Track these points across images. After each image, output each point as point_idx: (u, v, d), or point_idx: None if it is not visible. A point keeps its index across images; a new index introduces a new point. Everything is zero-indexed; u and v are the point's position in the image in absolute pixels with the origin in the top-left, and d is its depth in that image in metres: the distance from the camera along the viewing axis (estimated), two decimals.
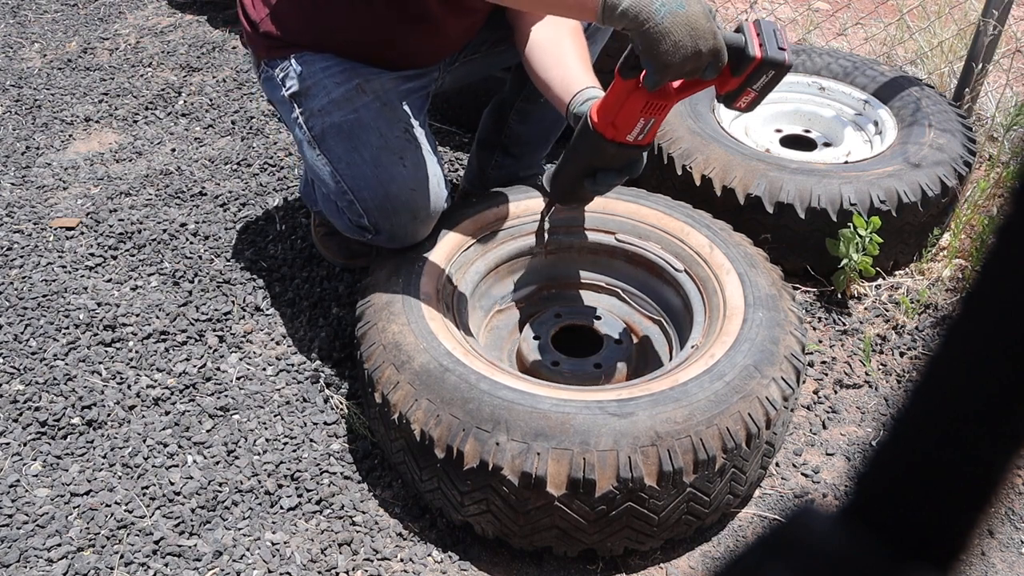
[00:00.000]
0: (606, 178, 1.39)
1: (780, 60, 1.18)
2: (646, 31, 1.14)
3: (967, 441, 0.26)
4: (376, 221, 1.46)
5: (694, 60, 1.15)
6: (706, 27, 1.14)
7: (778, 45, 1.18)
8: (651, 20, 1.14)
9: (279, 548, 1.32)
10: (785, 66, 1.18)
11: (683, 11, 1.13)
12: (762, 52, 1.17)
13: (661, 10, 1.13)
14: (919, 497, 0.27)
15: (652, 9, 1.13)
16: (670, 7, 1.13)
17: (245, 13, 1.58)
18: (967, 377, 0.26)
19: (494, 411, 1.19)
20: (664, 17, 1.13)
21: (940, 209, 1.83)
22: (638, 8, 1.14)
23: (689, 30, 1.13)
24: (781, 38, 1.19)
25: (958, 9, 2.64)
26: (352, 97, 1.48)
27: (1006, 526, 1.40)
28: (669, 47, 1.14)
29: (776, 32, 1.19)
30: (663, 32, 1.13)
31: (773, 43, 1.18)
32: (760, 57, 1.17)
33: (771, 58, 1.17)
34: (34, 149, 2.33)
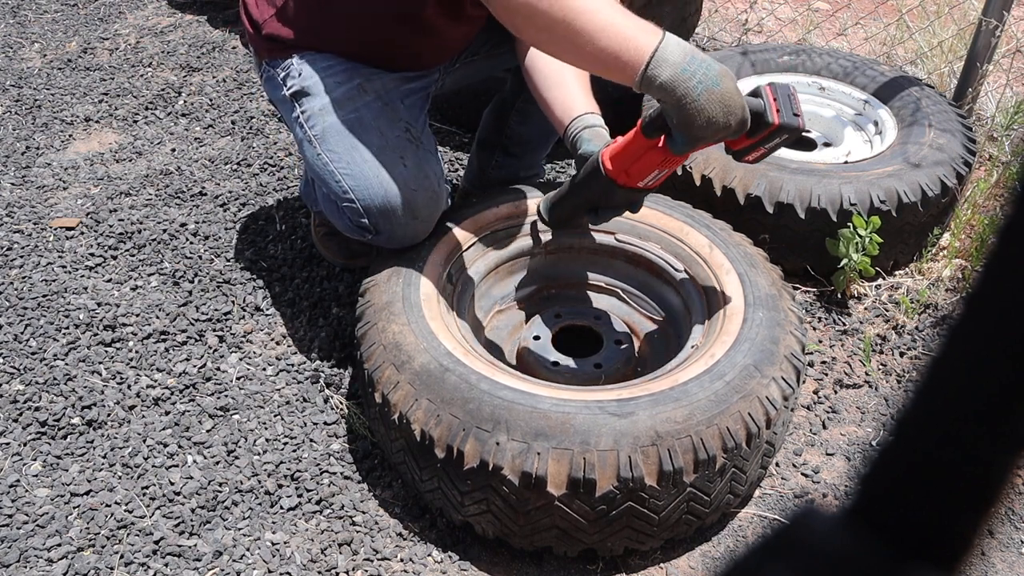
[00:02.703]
0: (607, 213, 1.45)
1: (795, 126, 1.24)
2: (683, 106, 1.18)
3: (968, 441, 0.26)
4: (376, 221, 1.46)
5: (723, 132, 1.20)
6: (738, 103, 1.18)
7: (793, 111, 1.24)
8: (688, 96, 1.17)
9: (279, 548, 1.32)
10: (799, 130, 1.24)
11: (718, 88, 1.17)
12: (779, 118, 1.23)
13: (698, 87, 1.16)
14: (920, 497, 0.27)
15: (690, 86, 1.16)
16: (706, 84, 1.16)
17: (248, 14, 1.59)
18: (968, 377, 0.26)
19: (494, 411, 1.19)
20: (700, 94, 1.16)
21: (940, 209, 1.83)
22: (676, 83, 1.16)
23: (723, 107, 1.17)
24: (795, 103, 1.25)
25: (958, 9, 2.64)
26: (353, 97, 1.48)
27: (1006, 526, 1.40)
28: (703, 122, 1.18)
29: (791, 97, 1.25)
30: (699, 109, 1.17)
31: (789, 109, 1.24)
32: (778, 123, 1.23)
33: (787, 124, 1.23)
34: (34, 149, 2.33)
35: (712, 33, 2.91)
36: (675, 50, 1.17)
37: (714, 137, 1.21)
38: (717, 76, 1.16)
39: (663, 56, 1.17)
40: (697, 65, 1.16)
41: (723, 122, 1.18)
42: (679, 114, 1.19)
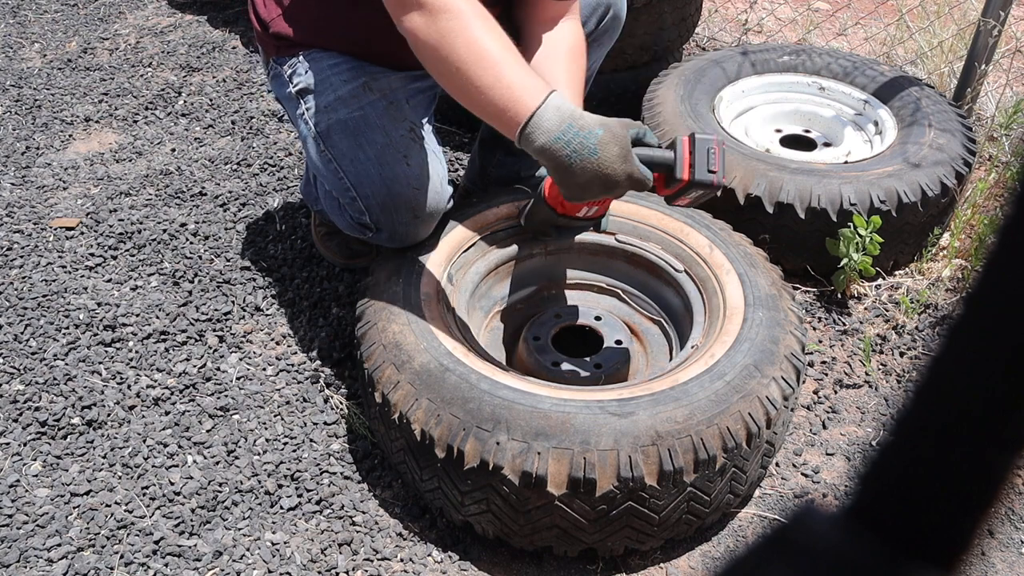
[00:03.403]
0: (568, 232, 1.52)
1: (708, 182, 1.20)
2: (557, 171, 1.21)
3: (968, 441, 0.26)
4: (378, 219, 1.46)
5: (608, 194, 1.23)
6: (618, 171, 1.19)
7: (708, 167, 1.20)
8: (561, 164, 1.19)
9: (279, 548, 1.32)
10: (715, 187, 1.21)
11: (595, 158, 1.18)
12: (689, 174, 1.21)
13: (572, 156, 1.18)
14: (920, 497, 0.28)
15: (563, 155, 1.18)
16: (582, 154, 1.17)
17: (256, 12, 1.59)
18: (967, 377, 0.26)
19: (494, 410, 1.19)
20: (574, 163, 1.18)
21: (940, 209, 1.83)
22: (549, 151, 1.19)
23: (599, 176, 1.19)
24: (714, 159, 1.20)
25: (958, 9, 2.64)
26: (359, 95, 1.48)
27: (1006, 526, 1.40)
28: (579, 186, 1.21)
29: (711, 151, 1.21)
30: (572, 176, 1.19)
31: (704, 164, 1.20)
32: (686, 180, 1.21)
33: (698, 180, 1.20)
34: (34, 149, 2.33)
35: (712, 33, 2.91)
36: (552, 117, 1.18)
37: (600, 197, 1.24)
38: (596, 145, 1.18)
39: (538, 124, 1.18)
40: (573, 135, 1.18)
41: (599, 188, 1.20)
42: (556, 176, 1.22)
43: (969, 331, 0.26)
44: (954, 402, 0.27)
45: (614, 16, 1.72)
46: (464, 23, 1.21)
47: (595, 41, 1.74)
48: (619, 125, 1.21)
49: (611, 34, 1.76)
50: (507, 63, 1.20)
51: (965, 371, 0.26)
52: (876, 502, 0.29)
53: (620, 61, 2.25)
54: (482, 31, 1.21)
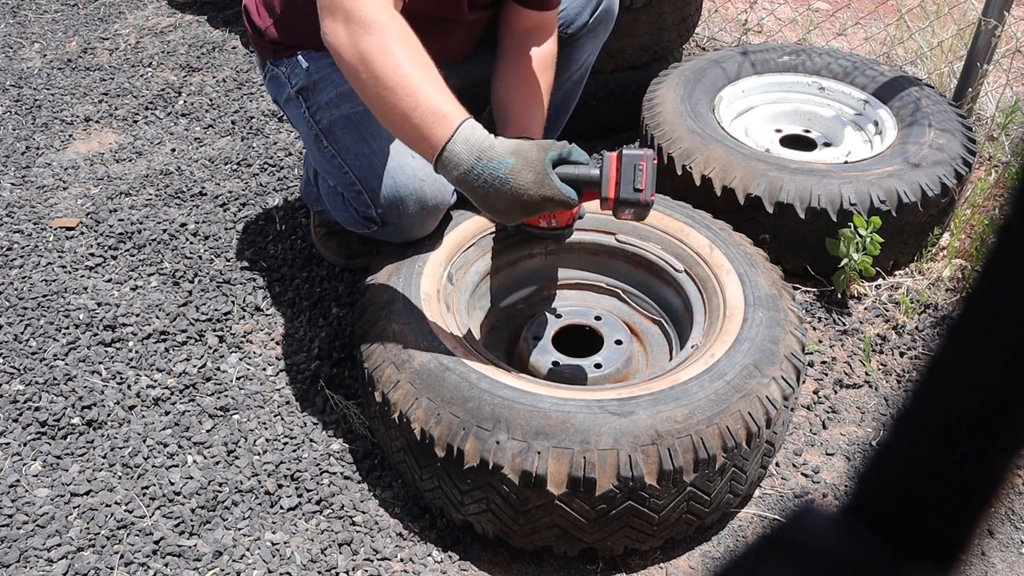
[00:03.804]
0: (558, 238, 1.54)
1: (634, 200, 1.21)
2: (473, 199, 1.23)
3: (967, 441, 0.26)
4: (384, 212, 1.46)
5: (529, 216, 1.24)
6: (535, 195, 1.20)
7: (634, 186, 1.20)
8: (475, 194, 1.22)
9: (279, 548, 1.32)
10: (641, 204, 1.22)
11: (507, 186, 1.20)
12: (615, 192, 1.22)
13: (484, 187, 1.20)
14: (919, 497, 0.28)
15: (476, 185, 1.21)
16: (493, 184, 1.19)
17: (249, 19, 1.60)
18: (967, 377, 0.26)
19: (494, 410, 1.19)
20: (489, 192, 1.20)
21: (940, 209, 1.83)
22: (462, 183, 1.21)
23: (515, 201, 1.21)
24: (640, 176, 1.20)
25: (958, 9, 2.64)
26: None
27: (1006, 526, 1.40)
28: (498, 215, 1.24)
29: (638, 168, 1.21)
30: (490, 203, 1.22)
31: (630, 182, 1.20)
32: (612, 198, 1.22)
33: (623, 199, 1.21)
34: (34, 149, 2.33)
35: (712, 33, 2.91)
36: (461, 149, 1.20)
37: (527, 217, 1.26)
38: (507, 174, 1.19)
39: (449, 157, 1.20)
40: (483, 166, 1.19)
41: (521, 212, 1.22)
42: (477, 205, 1.24)
43: (969, 331, 0.26)
44: (954, 402, 0.27)
45: (608, 6, 1.75)
46: (386, 44, 1.21)
47: (590, 32, 1.76)
48: (535, 149, 1.21)
49: (606, 25, 1.78)
50: (425, 89, 1.21)
51: (965, 371, 0.26)
52: (876, 502, 0.29)
53: (620, 61, 2.25)
54: (403, 54, 1.21)
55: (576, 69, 1.81)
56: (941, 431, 0.27)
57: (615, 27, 1.84)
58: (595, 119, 2.28)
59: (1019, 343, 0.25)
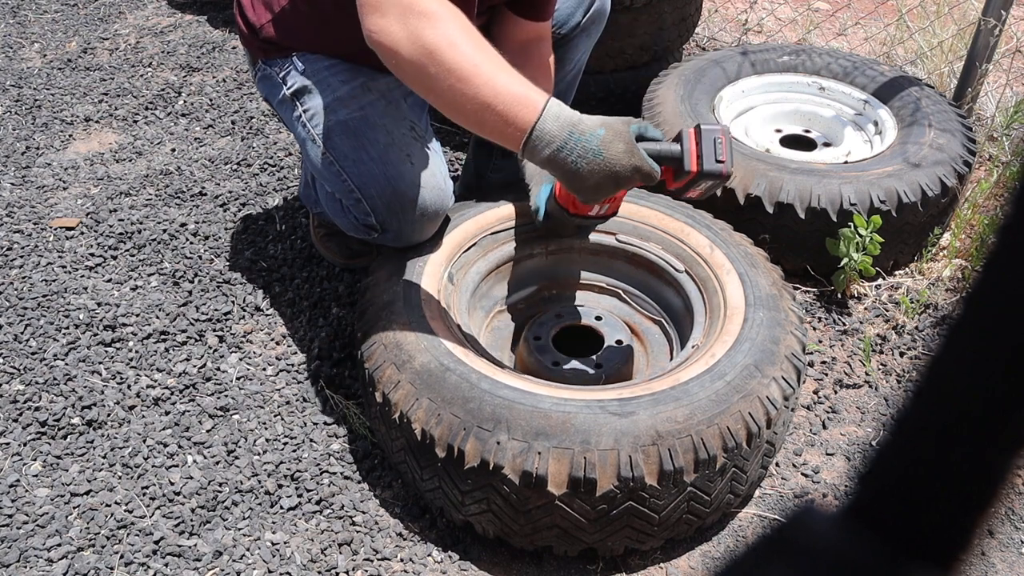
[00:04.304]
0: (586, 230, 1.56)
1: (717, 172, 1.21)
2: (567, 178, 1.21)
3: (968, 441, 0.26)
4: (384, 219, 1.46)
5: (620, 189, 1.23)
6: (627, 166, 1.19)
7: (716, 157, 1.20)
8: (568, 170, 1.20)
9: (279, 548, 1.32)
10: (723, 176, 1.22)
11: (600, 159, 1.18)
12: (698, 165, 1.21)
13: (578, 162, 1.18)
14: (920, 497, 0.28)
15: (569, 161, 1.18)
16: (587, 157, 1.18)
17: (244, 16, 1.58)
18: (967, 377, 0.26)
19: (495, 410, 1.19)
20: (581, 167, 1.19)
21: (940, 209, 1.83)
22: (555, 160, 1.19)
23: (608, 174, 1.19)
24: (720, 148, 1.21)
25: (958, 9, 2.64)
26: (358, 95, 1.48)
27: (1006, 526, 1.40)
28: (591, 187, 1.21)
29: (717, 141, 1.21)
30: (582, 179, 1.20)
31: (712, 155, 1.21)
32: (695, 171, 1.21)
33: (707, 171, 1.21)
34: (34, 149, 2.33)
35: (712, 33, 2.91)
36: (552, 126, 1.18)
37: (612, 194, 1.24)
38: (599, 146, 1.18)
39: (540, 135, 1.18)
40: (575, 140, 1.18)
41: (611, 186, 1.20)
42: (566, 183, 1.23)
43: (969, 331, 0.26)
44: (954, 402, 0.27)
45: (600, 6, 1.75)
46: (451, 34, 1.17)
47: (583, 32, 1.76)
48: (620, 123, 1.21)
49: (598, 24, 1.78)
50: (500, 75, 1.18)
51: (965, 371, 0.26)
52: (876, 502, 0.29)
53: (620, 61, 2.26)
54: (470, 43, 1.18)
55: (570, 69, 1.81)
56: (941, 431, 0.27)
57: (615, 27, 1.84)
58: None
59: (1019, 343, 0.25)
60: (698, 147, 1.21)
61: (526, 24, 1.59)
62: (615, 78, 2.28)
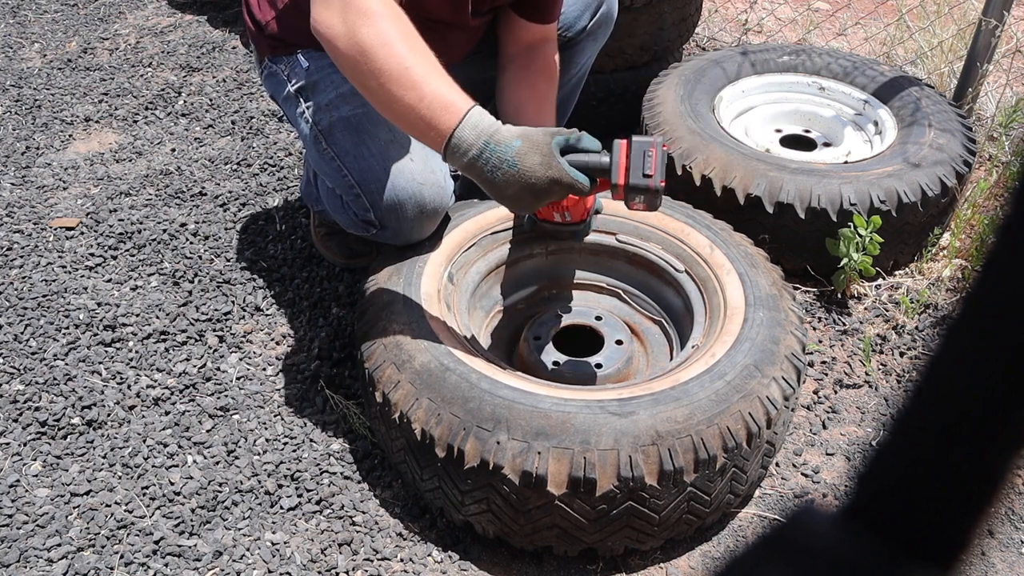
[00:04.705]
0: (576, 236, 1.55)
1: (643, 187, 1.20)
2: (485, 186, 1.23)
3: (967, 441, 0.26)
4: (383, 215, 1.46)
5: (540, 202, 1.23)
6: (542, 177, 1.19)
7: (644, 171, 1.20)
8: (484, 180, 1.21)
9: (279, 548, 1.32)
10: (651, 191, 1.21)
11: (516, 169, 1.19)
12: (625, 178, 1.21)
13: (493, 172, 1.20)
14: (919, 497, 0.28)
15: (485, 171, 1.20)
16: (501, 168, 1.19)
17: (250, 12, 1.59)
18: (967, 377, 0.26)
19: (495, 410, 1.19)
20: (497, 177, 1.20)
21: (940, 209, 1.83)
22: (471, 169, 1.21)
23: (524, 184, 1.20)
24: (649, 162, 1.20)
25: (958, 9, 2.64)
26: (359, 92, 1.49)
27: (1006, 526, 1.40)
28: (507, 201, 1.23)
29: (647, 154, 1.21)
30: (499, 188, 1.21)
31: (639, 168, 1.20)
32: (622, 184, 1.21)
33: (632, 185, 1.20)
34: (34, 149, 2.33)
35: (712, 33, 2.91)
36: (469, 134, 1.19)
37: (532, 208, 1.25)
38: (514, 157, 1.18)
39: (458, 143, 1.19)
40: (491, 150, 1.19)
41: (530, 197, 1.21)
42: (487, 191, 1.24)
43: (969, 331, 0.26)
44: (954, 402, 0.27)
45: (607, 11, 1.76)
46: (386, 34, 1.19)
47: (589, 36, 1.76)
48: (541, 134, 1.21)
49: (605, 28, 1.79)
50: (430, 80, 1.20)
51: (965, 371, 0.26)
52: (876, 502, 0.29)
53: (620, 61, 2.26)
54: (405, 45, 1.20)
55: (575, 72, 1.81)
56: (941, 431, 0.27)
57: (615, 27, 1.84)
58: (595, 119, 2.28)
59: (1019, 343, 0.25)
60: (628, 160, 1.21)
61: (531, 26, 1.60)
62: (615, 78, 2.28)
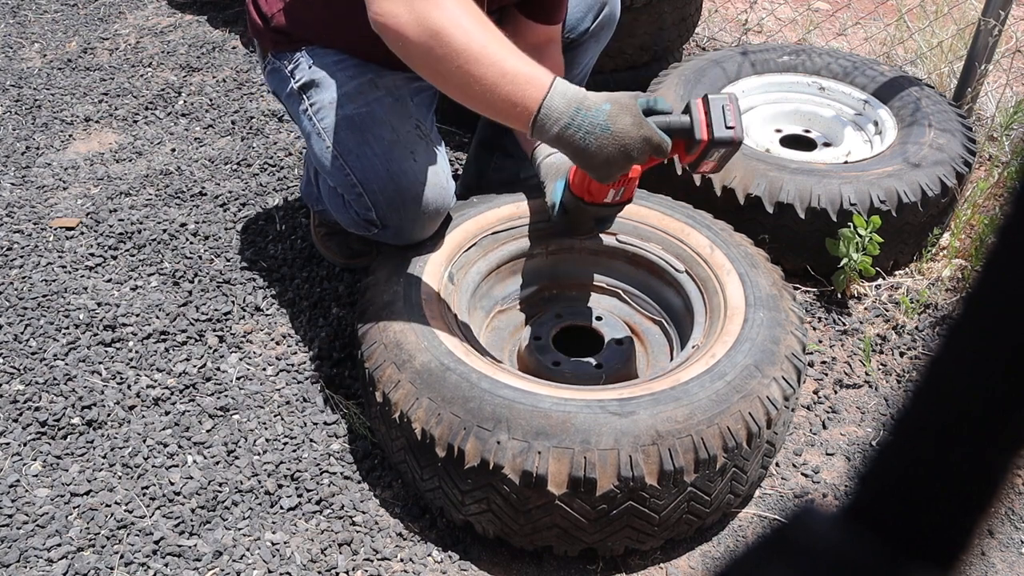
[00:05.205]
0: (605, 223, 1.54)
1: (728, 139, 1.21)
2: (577, 155, 1.21)
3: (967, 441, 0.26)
4: (384, 214, 1.46)
5: (632, 163, 1.22)
6: (636, 137, 1.19)
7: (725, 124, 1.21)
8: (577, 147, 1.20)
9: (279, 548, 1.32)
10: (735, 143, 1.22)
11: (610, 132, 1.18)
12: (708, 133, 1.21)
13: (587, 138, 1.19)
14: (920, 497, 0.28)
15: (577, 138, 1.19)
16: (595, 132, 1.18)
17: (256, 6, 1.59)
18: (967, 377, 0.26)
19: (495, 410, 1.19)
20: (590, 143, 1.19)
21: (940, 209, 1.83)
22: (564, 138, 1.19)
23: (619, 147, 1.19)
24: (730, 115, 1.21)
25: (958, 9, 2.64)
26: (365, 91, 1.49)
27: (1006, 526, 1.40)
28: (600, 168, 1.21)
29: (725, 108, 1.21)
30: (592, 155, 1.20)
31: (721, 122, 1.21)
32: (706, 139, 1.21)
33: (718, 139, 1.21)
34: (34, 149, 2.33)
35: (712, 33, 2.91)
36: (559, 103, 1.19)
37: (622, 171, 1.23)
38: (606, 120, 1.18)
39: (547, 114, 1.19)
40: (583, 116, 1.18)
41: (623, 159, 1.20)
42: (577, 161, 1.23)
43: (969, 331, 0.26)
44: (954, 402, 0.27)
45: (610, 13, 1.76)
46: (456, 16, 1.19)
47: (592, 37, 1.77)
48: (627, 96, 1.21)
49: (608, 30, 1.79)
50: (506, 56, 1.19)
51: (965, 371, 0.26)
52: (876, 502, 0.29)
53: (620, 61, 2.26)
54: (476, 24, 1.19)
55: (577, 73, 1.82)
56: (941, 431, 0.27)
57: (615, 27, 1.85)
58: None
59: (1019, 343, 0.25)
60: (707, 116, 1.21)
61: (537, 27, 1.60)
62: (615, 78, 2.28)
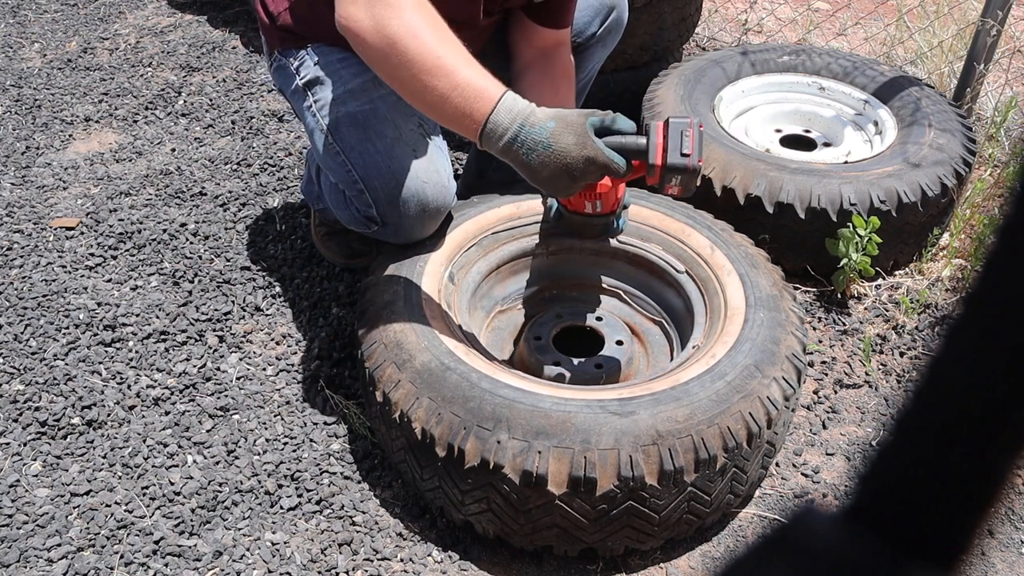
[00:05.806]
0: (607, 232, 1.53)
1: (682, 166, 1.19)
2: (522, 169, 1.23)
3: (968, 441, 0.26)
4: (384, 212, 1.47)
5: (577, 184, 1.23)
6: (578, 156, 1.19)
7: (681, 151, 1.19)
8: (520, 163, 1.22)
9: (279, 548, 1.32)
10: (689, 170, 1.20)
11: (551, 150, 1.19)
12: (663, 159, 1.20)
13: (529, 154, 1.20)
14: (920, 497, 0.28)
15: (521, 153, 1.21)
16: (536, 149, 1.20)
17: (264, 5, 1.61)
18: (967, 377, 0.26)
19: (495, 409, 1.19)
20: (532, 159, 1.20)
21: (940, 209, 1.83)
22: (507, 153, 1.22)
23: (560, 165, 1.20)
24: (687, 141, 1.20)
25: (958, 9, 2.64)
26: (368, 88, 1.49)
27: (1006, 526, 1.40)
28: (543, 184, 1.23)
29: (684, 133, 1.20)
30: (535, 170, 1.21)
31: (677, 148, 1.20)
32: (660, 164, 1.20)
33: (671, 165, 1.20)
34: (34, 149, 2.33)
35: (712, 33, 2.91)
36: (504, 118, 1.20)
37: (569, 191, 1.24)
38: (548, 138, 1.19)
39: (493, 128, 1.20)
40: (526, 132, 1.19)
41: (565, 178, 1.21)
42: (523, 175, 1.24)
43: (969, 331, 0.26)
44: (954, 402, 0.27)
45: (617, 17, 1.76)
46: (414, 25, 1.20)
47: (599, 41, 1.77)
48: (575, 115, 1.22)
49: (615, 35, 1.79)
50: (460, 67, 1.21)
51: (965, 371, 0.26)
52: (876, 502, 0.29)
53: (620, 61, 2.25)
54: (433, 35, 1.21)
55: (583, 77, 1.82)
56: (941, 431, 0.27)
57: None
58: None
59: (1019, 343, 0.25)
60: (665, 140, 1.21)
61: (545, 32, 1.61)
62: (615, 78, 2.28)
